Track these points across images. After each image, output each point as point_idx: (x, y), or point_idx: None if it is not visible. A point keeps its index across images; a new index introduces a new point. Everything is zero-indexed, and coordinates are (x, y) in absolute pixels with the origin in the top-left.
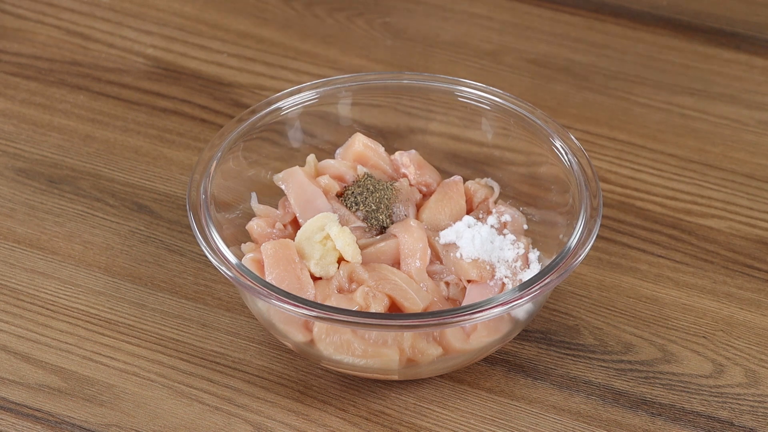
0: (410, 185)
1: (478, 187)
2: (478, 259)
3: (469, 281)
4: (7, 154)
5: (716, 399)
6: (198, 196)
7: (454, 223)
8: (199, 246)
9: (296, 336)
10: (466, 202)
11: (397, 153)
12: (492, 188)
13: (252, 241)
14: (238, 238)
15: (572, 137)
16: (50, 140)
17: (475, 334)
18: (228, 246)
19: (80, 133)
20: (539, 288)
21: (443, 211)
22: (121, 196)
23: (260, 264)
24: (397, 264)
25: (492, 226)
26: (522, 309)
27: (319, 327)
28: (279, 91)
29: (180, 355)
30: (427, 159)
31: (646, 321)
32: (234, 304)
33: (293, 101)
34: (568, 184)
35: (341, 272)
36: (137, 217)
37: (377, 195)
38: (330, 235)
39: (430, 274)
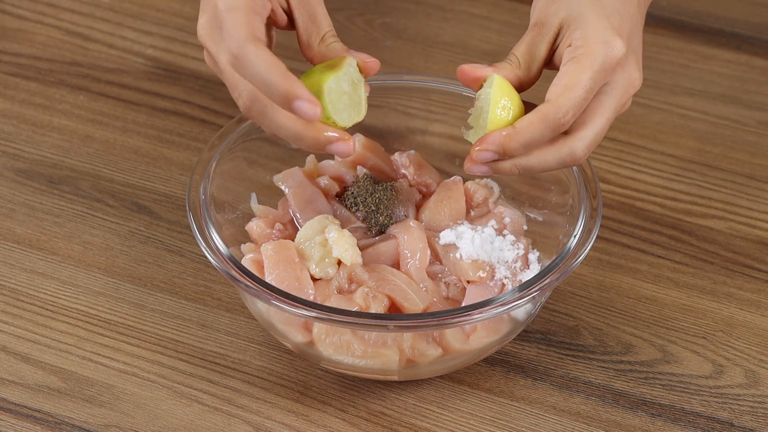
0: (410, 186)
1: (478, 187)
2: (478, 259)
3: (468, 282)
4: (7, 155)
5: (716, 400)
6: (198, 197)
7: (454, 223)
8: (199, 246)
9: (296, 337)
10: (466, 202)
11: (396, 153)
12: (492, 188)
13: (252, 241)
14: (238, 238)
15: None
16: (50, 140)
17: (475, 335)
18: (228, 246)
19: (80, 134)
20: (539, 289)
21: (443, 211)
22: (121, 196)
23: (260, 265)
24: (396, 264)
25: (492, 227)
26: (522, 309)
27: (318, 328)
28: None
29: (180, 355)
30: (426, 159)
31: (646, 321)
32: (234, 305)
33: None
34: (568, 184)
35: (341, 273)
36: (137, 218)
37: (377, 195)
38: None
39: (430, 275)
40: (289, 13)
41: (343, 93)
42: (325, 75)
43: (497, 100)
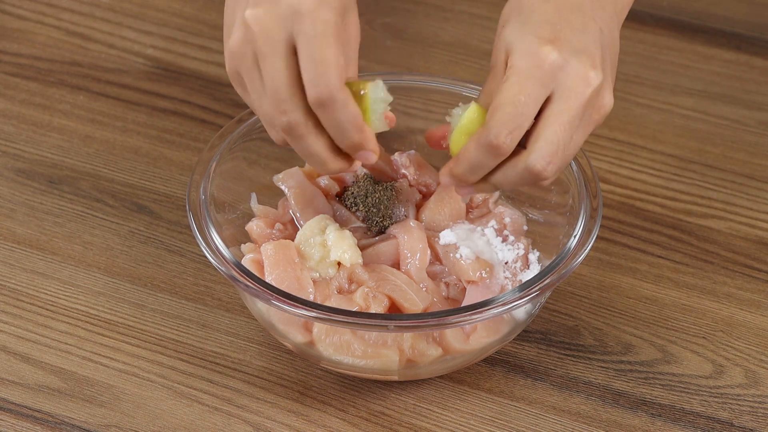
0: (410, 186)
1: None
2: (478, 259)
3: (468, 282)
4: (7, 155)
5: (716, 400)
6: (198, 197)
7: (454, 223)
8: (199, 246)
9: (296, 337)
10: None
11: (396, 153)
12: None
13: (252, 241)
14: (238, 238)
15: None
16: (50, 140)
17: (475, 335)
18: (228, 247)
19: (80, 134)
20: (539, 289)
21: (443, 211)
22: (121, 196)
23: (260, 265)
24: (396, 264)
25: (492, 227)
26: (522, 309)
27: (318, 328)
28: None
29: (180, 355)
30: (426, 159)
31: (646, 321)
32: (234, 305)
33: None
34: (568, 184)
35: (341, 273)
36: (137, 218)
37: (377, 195)
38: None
39: (430, 275)
40: None
41: (381, 100)
42: (366, 81)
43: (466, 124)
